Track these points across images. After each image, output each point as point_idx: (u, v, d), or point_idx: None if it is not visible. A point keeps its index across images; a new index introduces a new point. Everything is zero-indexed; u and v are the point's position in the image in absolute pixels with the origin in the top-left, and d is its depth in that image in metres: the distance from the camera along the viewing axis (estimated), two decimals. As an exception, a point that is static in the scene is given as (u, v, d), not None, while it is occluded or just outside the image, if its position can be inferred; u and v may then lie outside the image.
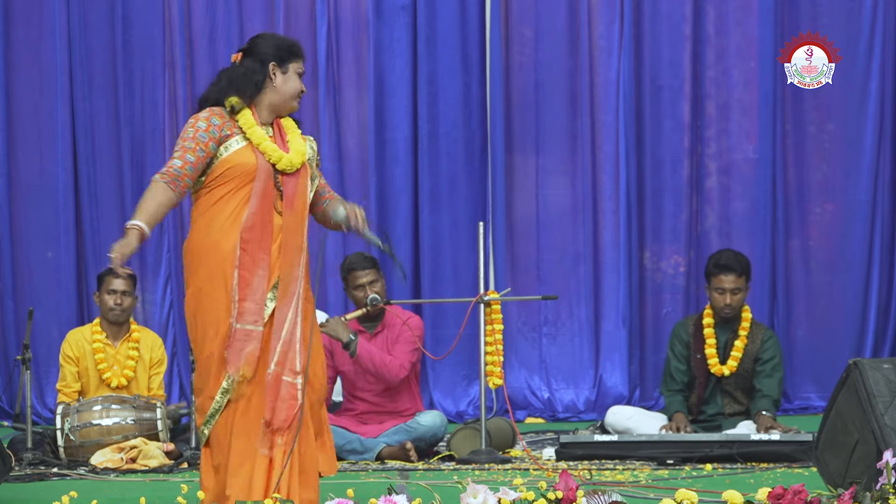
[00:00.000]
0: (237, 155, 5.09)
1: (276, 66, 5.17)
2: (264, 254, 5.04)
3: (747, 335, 7.94)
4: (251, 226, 5.04)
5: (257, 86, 5.15)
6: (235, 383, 5.00)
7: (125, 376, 8.15)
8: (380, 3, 10.05)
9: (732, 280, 7.90)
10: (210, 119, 5.11)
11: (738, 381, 7.94)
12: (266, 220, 5.06)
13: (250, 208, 5.04)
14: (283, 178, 5.14)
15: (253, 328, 5.01)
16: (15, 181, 10.18)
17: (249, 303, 5.01)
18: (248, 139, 5.12)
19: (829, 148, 10.09)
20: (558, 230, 10.18)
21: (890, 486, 5.06)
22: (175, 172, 5.03)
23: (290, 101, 5.20)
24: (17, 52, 10.16)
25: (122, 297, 8.18)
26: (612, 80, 10.03)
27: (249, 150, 5.10)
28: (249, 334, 5.00)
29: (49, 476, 7.12)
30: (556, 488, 4.94)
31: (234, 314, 5.00)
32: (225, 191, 5.09)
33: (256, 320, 5.01)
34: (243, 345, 5.00)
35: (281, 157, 5.11)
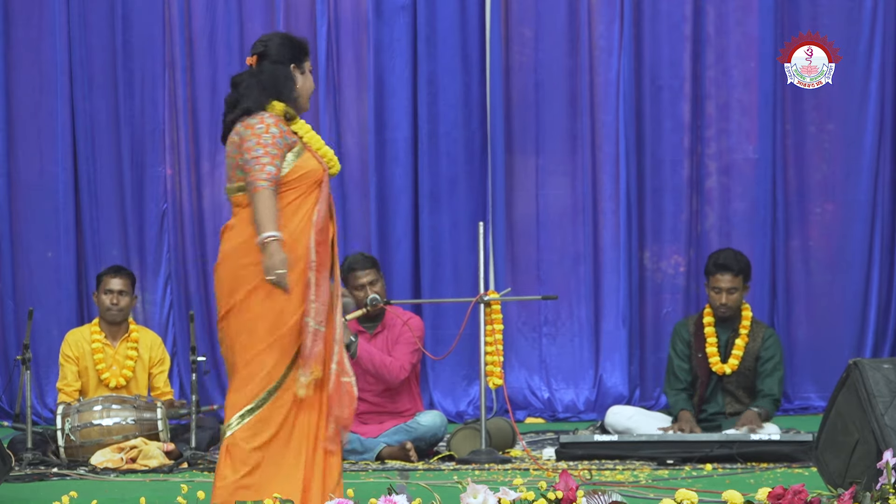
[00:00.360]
0: (306, 161, 5.14)
1: (296, 67, 5.21)
2: (327, 256, 5.14)
3: (748, 333, 7.95)
4: (321, 229, 5.13)
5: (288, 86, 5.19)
6: (308, 383, 5.05)
7: (123, 376, 8.16)
8: (380, 3, 10.05)
9: (729, 280, 7.90)
10: (279, 125, 5.12)
11: (740, 380, 7.94)
12: (328, 223, 5.16)
13: (319, 212, 5.11)
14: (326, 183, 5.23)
15: (322, 328, 5.09)
16: (15, 181, 10.18)
17: (319, 304, 5.08)
18: (305, 145, 5.17)
19: (829, 148, 10.09)
20: (558, 230, 10.17)
21: (890, 486, 5.06)
22: (276, 179, 5.05)
23: (307, 100, 5.25)
24: (17, 52, 10.16)
25: (118, 296, 8.18)
26: (612, 80, 10.03)
27: (310, 156, 5.16)
28: (318, 334, 5.08)
29: (49, 476, 7.12)
30: (556, 488, 4.94)
31: (310, 314, 5.05)
32: (296, 195, 5.11)
33: (322, 321, 5.09)
34: (315, 345, 5.07)
35: (336, 162, 5.22)
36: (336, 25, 10.09)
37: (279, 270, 4.95)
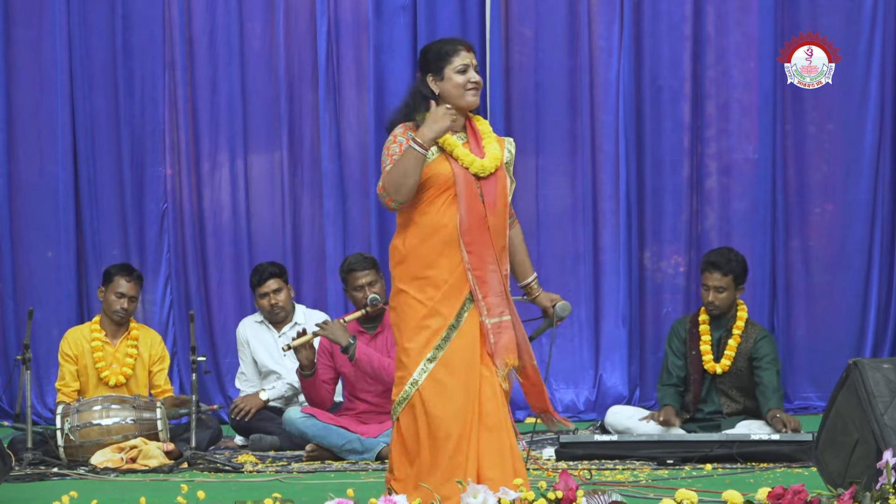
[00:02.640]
0: (434, 165, 5.30)
1: (433, 77, 5.36)
2: (490, 250, 5.30)
3: (741, 334, 7.96)
4: (467, 229, 5.28)
5: (426, 99, 5.36)
6: (504, 373, 5.30)
7: (123, 374, 8.16)
8: (380, 3, 10.05)
9: (717, 278, 7.92)
10: (405, 133, 5.33)
11: (733, 380, 7.95)
12: (480, 220, 5.29)
13: (460, 212, 5.27)
14: (481, 182, 5.33)
15: (504, 319, 5.33)
16: (15, 181, 10.18)
17: (492, 297, 5.30)
18: (442, 149, 5.32)
19: (829, 148, 10.09)
20: (558, 230, 10.17)
21: (890, 486, 5.06)
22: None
23: (459, 100, 5.33)
24: (18, 52, 10.16)
25: (129, 302, 8.20)
26: (612, 80, 10.03)
27: (444, 159, 5.31)
28: (501, 325, 5.32)
29: (49, 476, 7.12)
30: (556, 488, 4.94)
31: (483, 312, 5.27)
32: (426, 198, 5.30)
33: (503, 311, 5.33)
34: (499, 337, 5.30)
35: (473, 160, 5.31)
36: (336, 25, 10.09)
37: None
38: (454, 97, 5.33)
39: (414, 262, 5.29)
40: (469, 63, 5.34)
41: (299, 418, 7.89)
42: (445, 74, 5.33)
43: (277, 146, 10.13)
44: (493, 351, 5.28)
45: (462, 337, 5.26)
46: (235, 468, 7.30)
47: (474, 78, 5.34)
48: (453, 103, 5.33)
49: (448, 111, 5.22)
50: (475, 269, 5.26)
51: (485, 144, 5.39)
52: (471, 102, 5.35)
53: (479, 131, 5.42)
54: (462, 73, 5.32)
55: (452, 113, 5.25)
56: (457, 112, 5.34)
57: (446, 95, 5.33)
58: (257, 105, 10.19)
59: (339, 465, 7.54)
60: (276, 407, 8.54)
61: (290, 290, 8.76)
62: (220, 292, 10.19)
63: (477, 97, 5.37)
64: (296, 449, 8.11)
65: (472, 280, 5.25)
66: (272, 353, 8.70)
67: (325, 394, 7.98)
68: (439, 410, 5.19)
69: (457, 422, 5.19)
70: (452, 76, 5.33)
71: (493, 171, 5.35)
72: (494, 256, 5.29)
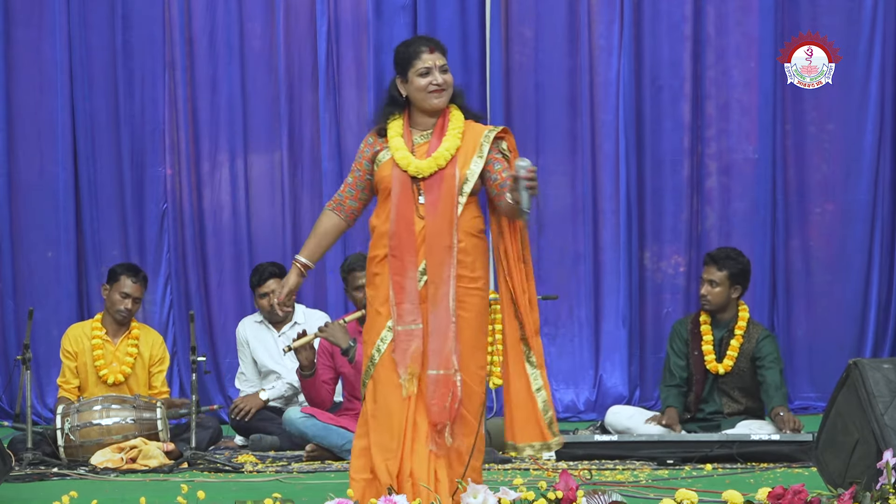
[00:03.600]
0: (382, 168, 5.31)
1: (400, 80, 5.34)
2: (412, 258, 5.22)
3: (743, 334, 7.95)
4: (394, 233, 5.23)
5: (397, 103, 5.34)
6: (406, 381, 5.18)
7: (122, 373, 8.16)
8: (380, 3, 10.05)
9: (711, 272, 7.94)
10: (366, 140, 5.40)
11: (736, 380, 7.94)
12: (407, 225, 5.23)
13: (391, 216, 5.24)
14: (424, 183, 5.26)
15: (414, 327, 5.20)
16: (15, 181, 10.18)
17: (406, 304, 5.20)
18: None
19: (829, 148, 10.09)
20: (558, 230, 10.17)
21: (890, 486, 5.06)
22: (338, 198, 5.45)
23: (422, 103, 5.29)
24: (17, 52, 10.16)
25: (133, 302, 8.21)
26: (612, 80, 10.03)
27: (390, 162, 5.30)
28: (411, 333, 5.20)
29: (49, 476, 7.12)
30: (556, 488, 4.94)
31: (394, 317, 5.21)
32: (379, 202, 5.33)
33: (415, 319, 5.20)
34: (407, 345, 5.19)
35: (410, 163, 5.25)
36: (336, 25, 10.09)
37: (277, 296, 5.38)
38: (417, 100, 5.29)
39: (369, 264, 5.34)
40: (432, 65, 5.28)
41: (299, 418, 7.88)
42: (409, 77, 5.30)
43: (277, 146, 10.13)
44: (399, 358, 5.19)
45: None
46: (235, 468, 7.30)
47: (437, 80, 5.28)
48: (418, 106, 5.30)
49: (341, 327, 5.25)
50: (394, 273, 5.21)
51: (443, 141, 5.28)
52: (434, 105, 5.28)
53: (447, 127, 5.32)
54: (424, 75, 5.27)
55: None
56: (424, 113, 5.30)
57: (412, 98, 5.30)
58: (257, 105, 10.19)
59: (339, 465, 7.54)
60: (276, 407, 8.54)
61: (290, 290, 8.75)
62: (220, 292, 10.19)
63: (441, 98, 5.28)
64: (296, 449, 8.11)
65: (391, 283, 5.20)
66: (272, 353, 8.70)
67: (325, 394, 7.98)
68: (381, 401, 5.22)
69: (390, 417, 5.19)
70: (415, 79, 5.29)
71: (435, 170, 5.24)
72: (416, 263, 5.21)
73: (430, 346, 5.17)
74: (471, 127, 5.31)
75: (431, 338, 5.18)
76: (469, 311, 5.27)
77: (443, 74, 5.30)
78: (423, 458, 5.10)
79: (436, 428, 5.13)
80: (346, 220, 5.41)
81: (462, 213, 5.25)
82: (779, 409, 7.74)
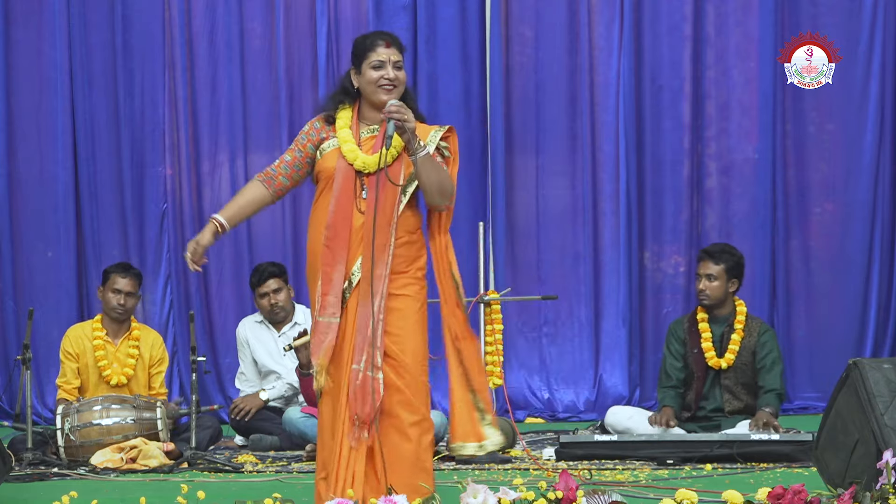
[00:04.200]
0: (326, 158, 5.23)
1: (354, 71, 5.26)
2: (343, 251, 5.16)
3: (743, 328, 7.96)
4: (331, 224, 5.16)
5: (348, 93, 5.27)
6: (316, 373, 5.16)
7: (125, 374, 8.16)
8: (380, 3, 10.06)
9: (709, 267, 7.95)
10: (312, 124, 5.29)
11: (738, 376, 7.94)
12: (345, 219, 5.17)
13: (330, 207, 5.17)
14: (367, 178, 5.20)
15: (333, 320, 5.16)
16: (15, 181, 10.18)
17: (331, 297, 5.16)
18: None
19: (829, 148, 10.09)
20: (558, 230, 10.18)
21: (890, 486, 5.06)
22: (271, 172, 5.28)
23: (372, 96, 5.21)
24: (17, 52, 10.16)
25: (126, 297, 8.20)
26: (612, 80, 10.03)
27: (335, 154, 5.22)
28: (329, 326, 5.16)
29: (49, 476, 7.12)
30: (556, 488, 4.94)
31: (317, 308, 5.17)
32: (318, 192, 5.25)
33: (335, 312, 5.16)
34: (324, 336, 5.16)
35: (356, 157, 5.18)
36: (336, 25, 10.10)
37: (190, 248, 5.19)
38: (367, 93, 5.21)
39: (309, 255, 5.26)
40: (386, 59, 5.19)
41: (299, 418, 7.88)
42: (362, 69, 5.22)
43: (277, 146, 10.13)
44: (314, 350, 5.17)
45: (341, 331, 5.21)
46: (235, 468, 7.30)
47: (389, 75, 5.18)
48: (368, 99, 5.22)
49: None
50: (325, 263, 5.15)
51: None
52: (384, 100, 5.17)
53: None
54: (377, 68, 5.19)
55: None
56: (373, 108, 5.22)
57: (363, 91, 5.22)
58: (257, 105, 10.19)
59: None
60: (276, 407, 8.55)
61: (289, 290, 8.76)
62: (220, 292, 10.19)
63: (391, 95, 5.17)
64: (296, 449, 8.11)
65: (321, 273, 5.16)
66: (272, 353, 8.70)
67: (324, 394, 7.98)
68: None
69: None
70: (367, 71, 5.20)
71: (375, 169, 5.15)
72: (348, 257, 5.15)
73: (354, 340, 5.13)
74: (419, 127, 5.24)
75: (357, 333, 5.13)
76: (404, 304, 5.18)
77: (396, 70, 5.21)
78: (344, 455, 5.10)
79: (354, 422, 5.09)
80: (272, 195, 5.28)
81: (402, 211, 5.19)
82: (765, 409, 7.74)
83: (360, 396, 5.09)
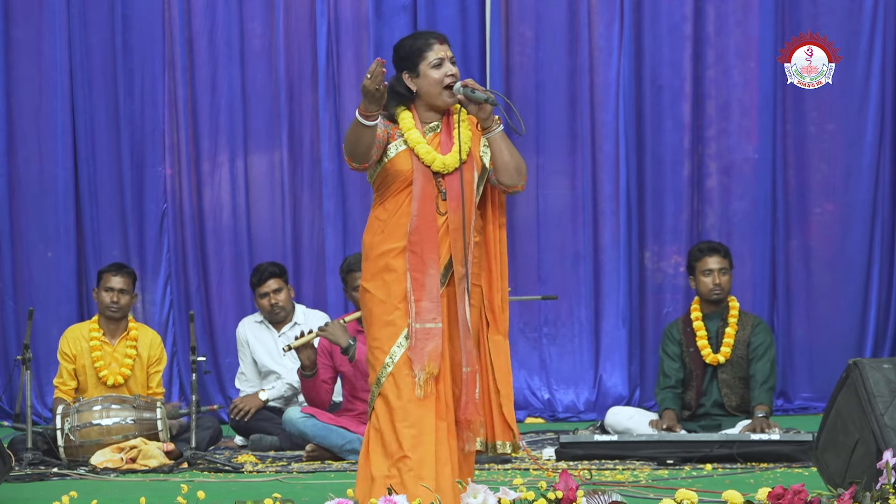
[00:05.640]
0: (397, 160, 5.11)
1: (409, 74, 5.16)
2: (433, 254, 5.08)
3: (737, 322, 8.00)
4: (415, 229, 5.07)
5: (402, 97, 5.16)
6: (422, 381, 5.03)
7: (122, 374, 8.16)
8: (380, 3, 10.06)
9: (718, 261, 7.98)
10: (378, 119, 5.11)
11: (735, 370, 7.96)
12: (429, 222, 5.09)
13: (412, 212, 5.08)
14: (445, 178, 5.12)
15: (433, 326, 5.06)
16: (15, 181, 10.18)
17: (426, 302, 5.06)
18: (407, 143, 5.13)
19: (829, 148, 10.09)
20: (558, 230, 10.17)
21: (890, 486, 5.06)
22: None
23: (437, 98, 5.12)
24: (17, 52, 10.16)
25: (118, 294, 8.19)
26: (612, 80, 10.03)
27: (407, 155, 5.12)
28: (429, 332, 5.05)
29: (49, 476, 7.12)
30: (556, 488, 4.94)
31: (412, 315, 5.05)
32: (389, 195, 5.14)
33: (435, 318, 5.06)
34: (425, 343, 5.04)
35: (434, 158, 5.10)
36: (336, 25, 10.09)
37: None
38: (430, 94, 5.12)
39: (375, 260, 5.15)
40: (444, 56, 5.11)
41: (299, 418, 7.89)
42: (421, 71, 5.12)
43: (277, 146, 10.13)
44: (415, 356, 5.02)
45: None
46: (235, 468, 7.30)
47: (451, 71, 5.11)
48: (429, 100, 5.13)
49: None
50: (413, 269, 5.05)
51: (455, 134, 5.13)
52: (448, 102, 5.12)
53: (452, 121, 5.17)
54: (437, 67, 5.11)
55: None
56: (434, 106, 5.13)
57: (423, 92, 5.13)
58: (257, 105, 10.19)
59: (339, 465, 7.54)
60: (276, 407, 8.54)
61: (290, 290, 8.76)
62: (220, 292, 10.19)
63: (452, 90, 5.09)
64: (296, 449, 8.11)
65: (409, 280, 5.05)
66: (272, 353, 8.70)
67: (324, 394, 7.99)
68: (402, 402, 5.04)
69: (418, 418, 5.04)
70: (428, 72, 5.12)
71: (455, 166, 5.10)
72: (437, 259, 5.06)
73: (460, 343, 5.07)
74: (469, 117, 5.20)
75: (463, 335, 5.08)
76: (475, 307, 5.16)
77: (454, 66, 5.16)
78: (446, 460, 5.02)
79: (468, 426, 5.07)
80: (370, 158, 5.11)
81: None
82: (759, 408, 7.75)
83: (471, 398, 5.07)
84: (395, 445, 5.00)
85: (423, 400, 5.02)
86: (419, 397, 5.02)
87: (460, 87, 5.06)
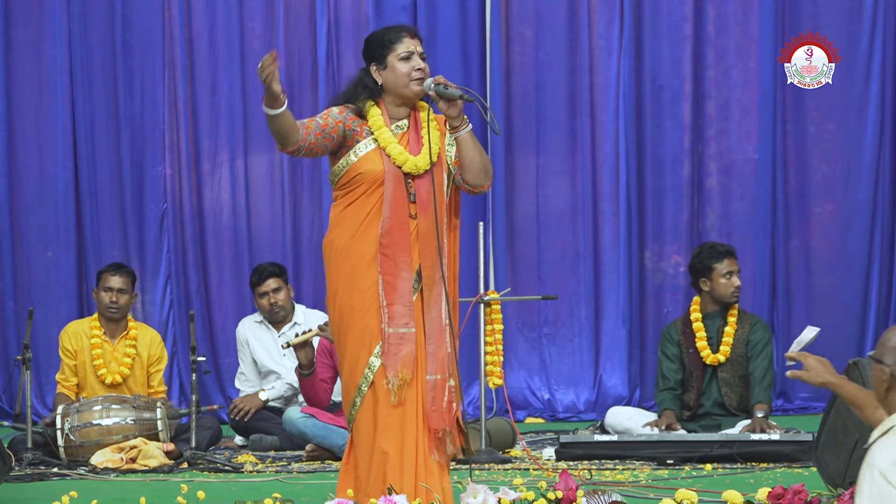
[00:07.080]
0: (366, 160, 5.01)
1: (376, 66, 5.11)
2: (405, 257, 4.97)
3: (736, 321, 7.99)
4: (387, 231, 4.96)
5: (371, 90, 5.10)
6: (395, 387, 4.94)
7: (120, 373, 8.16)
8: (380, 3, 10.06)
9: (733, 264, 8.00)
10: (343, 111, 5.08)
11: (735, 369, 7.95)
12: (401, 224, 4.98)
13: (384, 214, 4.97)
14: (415, 181, 5.02)
15: (406, 331, 4.97)
16: (15, 181, 10.18)
17: (399, 306, 4.96)
18: (377, 141, 5.04)
19: (829, 148, 10.09)
20: (558, 230, 10.18)
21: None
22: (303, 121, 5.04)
23: (404, 89, 5.05)
24: (17, 52, 10.16)
25: (118, 294, 8.19)
26: (612, 80, 10.03)
27: (377, 156, 5.01)
28: (402, 337, 4.96)
29: (49, 476, 7.12)
30: (556, 488, 4.94)
31: (384, 320, 4.96)
32: (357, 195, 5.01)
33: (408, 322, 4.97)
34: (398, 348, 4.95)
35: (406, 159, 5.01)
36: (336, 25, 10.10)
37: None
38: (397, 87, 5.04)
39: (333, 262, 5.03)
40: (413, 50, 5.04)
41: (299, 418, 7.89)
42: (388, 63, 5.07)
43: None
44: (388, 362, 4.92)
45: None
46: (235, 468, 7.30)
47: (418, 65, 5.03)
48: (398, 93, 5.04)
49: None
50: (385, 272, 4.94)
51: (423, 135, 5.04)
52: (416, 92, 5.02)
53: (420, 120, 5.09)
54: (406, 60, 5.04)
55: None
56: (401, 101, 5.07)
57: (390, 85, 5.05)
58: (257, 105, 10.18)
59: (338, 465, 7.53)
60: (276, 407, 8.55)
61: (289, 290, 8.76)
62: (220, 292, 10.19)
63: (422, 87, 5.02)
64: (296, 449, 8.11)
65: (381, 284, 4.94)
66: (272, 353, 8.70)
67: (323, 393, 7.99)
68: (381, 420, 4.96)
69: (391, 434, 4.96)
70: (396, 64, 5.05)
71: (429, 167, 5.01)
72: (410, 264, 4.96)
73: (427, 349, 4.97)
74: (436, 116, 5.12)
75: (428, 341, 4.97)
76: (453, 310, 5.07)
77: (423, 61, 5.07)
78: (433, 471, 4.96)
79: (437, 435, 4.97)
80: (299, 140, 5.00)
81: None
82: (758, 408, 7.75)
83: (438, 408, 4.96)
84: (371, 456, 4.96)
85: (398, 407, 4.94)
86: (393, 404, 4.94)
87: (431, 84, 4.99)
